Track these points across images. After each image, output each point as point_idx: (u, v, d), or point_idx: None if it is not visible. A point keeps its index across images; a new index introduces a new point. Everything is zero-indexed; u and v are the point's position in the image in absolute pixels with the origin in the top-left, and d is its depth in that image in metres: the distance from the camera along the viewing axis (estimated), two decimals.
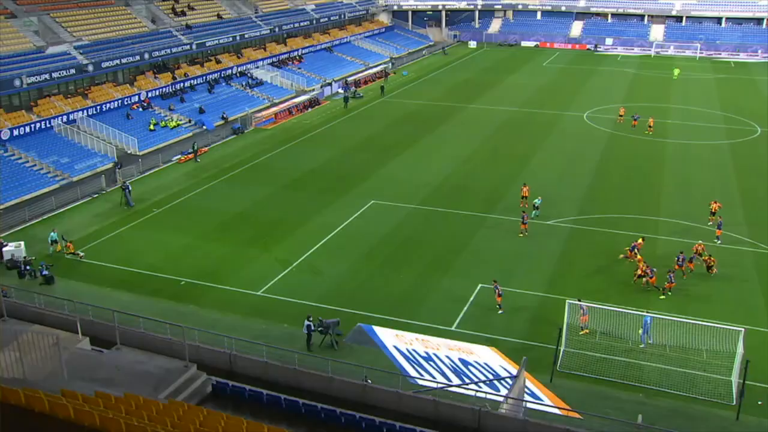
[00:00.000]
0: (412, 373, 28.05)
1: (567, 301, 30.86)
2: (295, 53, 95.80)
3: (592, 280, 36.74)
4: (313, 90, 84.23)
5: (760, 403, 26.57)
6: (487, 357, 29.06)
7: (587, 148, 61.68)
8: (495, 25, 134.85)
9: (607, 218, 45.27)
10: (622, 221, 44.71)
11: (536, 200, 45.80)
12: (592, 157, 59.18)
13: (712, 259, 37.12)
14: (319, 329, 30.62)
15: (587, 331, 30.84)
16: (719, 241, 41.27)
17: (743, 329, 28.10)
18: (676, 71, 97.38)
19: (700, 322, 30.39)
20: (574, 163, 57.46)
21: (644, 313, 31.00)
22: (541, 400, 26.22)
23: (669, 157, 59.24)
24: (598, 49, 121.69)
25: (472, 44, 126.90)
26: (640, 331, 30.57)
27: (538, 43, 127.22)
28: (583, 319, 30.97)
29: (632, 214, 45.80)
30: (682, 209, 46.91)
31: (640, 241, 39.17)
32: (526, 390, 25.32)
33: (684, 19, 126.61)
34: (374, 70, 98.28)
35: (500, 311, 33.27)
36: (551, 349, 28.88)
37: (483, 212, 46.32)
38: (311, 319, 30.78)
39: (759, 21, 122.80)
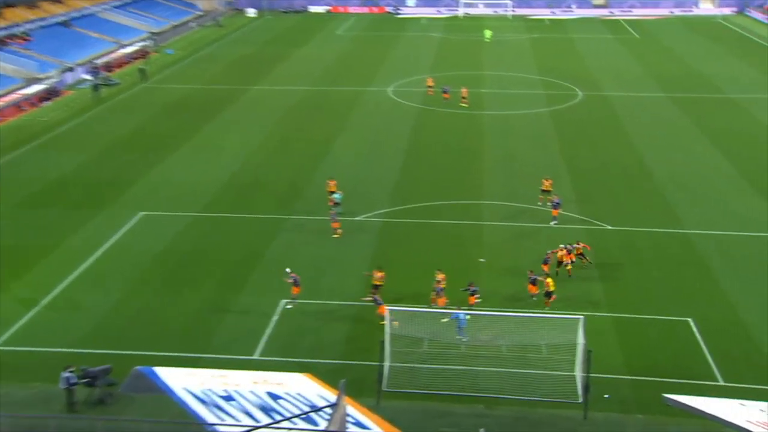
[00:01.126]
0: (210, 418, 27.24)
1: (386, 307, 31.50)
2: (18, 29, 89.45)
3: (413, 282, 37.29)
4: (50, 77, 79.68)
5: (606, 396, 28.43)
6: (301, 386, 28.79)
7: (396, 128, 63.74)
8: None
9: (425, 207, 46.96)
10: (443, 209, 46.60)
11: (336, 195, 46.26)
12: (402, 137, 61.25)
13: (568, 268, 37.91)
14: (84, 381, 28.98)
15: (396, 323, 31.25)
16: (555, 222, 44.23)
17: (582, 317, 29.77)
18: (488, 33, 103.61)
19: (536, 315, 32.28)
20: (382, 146, 59.16)
21: (455, 311, 32.39)
22: (368, 429, 26.31)
23: (488, 131, 62.81)
24: (399, 12, 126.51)
25: (251, 12, 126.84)
26: (457, 336, 31.89)
27: (330, 7, 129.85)
28: (381, 309, 31.86)
29: (454, 200, 47.96)
30: (509, 189, 49.82)
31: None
32: (349, 418, 25.56)
33: None
34: (130, 49, 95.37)
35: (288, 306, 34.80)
36: (374, 366, 29.07)
37: (281, 213, 46.33)
38: (72, 370, 29.03)
39: None
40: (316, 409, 27.05)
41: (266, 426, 25.74)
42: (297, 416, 26.60)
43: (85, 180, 52.89)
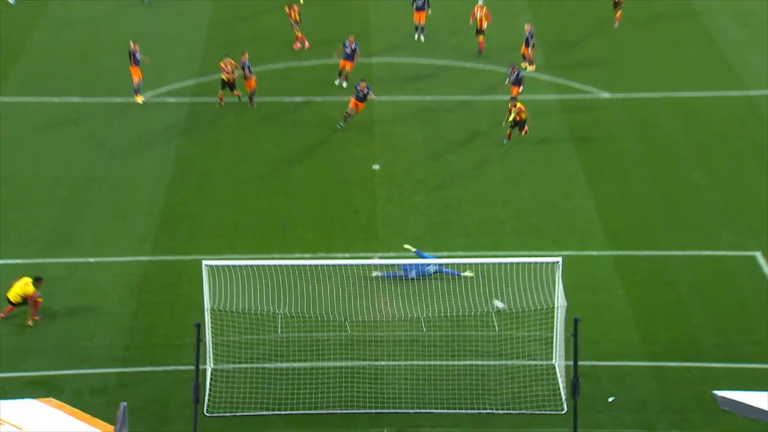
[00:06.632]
0: None
1: (203, 262, 29.13)
2: None
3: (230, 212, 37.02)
4: None
5: (611, 400, 27.75)
6: (37, 419, 27.13)
7: None
8: None
9: (272, 74, 45.97)
10: (301, 74, 46.01)
11: None
12: None
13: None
14: None
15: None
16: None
17: (559, 259, 28.62)
18: None
19: (477, 259, 32.07)
20: None
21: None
22: None
23: None
24: None
25: None
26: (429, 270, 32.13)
27: None
28: None
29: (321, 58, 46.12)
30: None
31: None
32: None
33: None
34: None
35: None
36: (184, 373, 28.33)
37: None
38: None
39: None
40: None
41: None
42: None
43: None
